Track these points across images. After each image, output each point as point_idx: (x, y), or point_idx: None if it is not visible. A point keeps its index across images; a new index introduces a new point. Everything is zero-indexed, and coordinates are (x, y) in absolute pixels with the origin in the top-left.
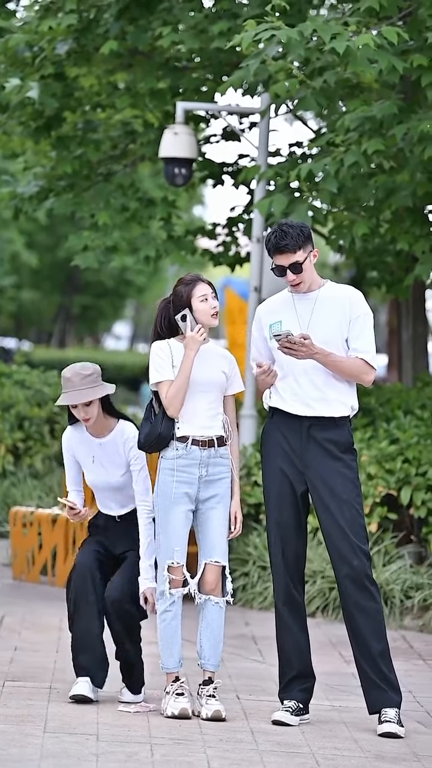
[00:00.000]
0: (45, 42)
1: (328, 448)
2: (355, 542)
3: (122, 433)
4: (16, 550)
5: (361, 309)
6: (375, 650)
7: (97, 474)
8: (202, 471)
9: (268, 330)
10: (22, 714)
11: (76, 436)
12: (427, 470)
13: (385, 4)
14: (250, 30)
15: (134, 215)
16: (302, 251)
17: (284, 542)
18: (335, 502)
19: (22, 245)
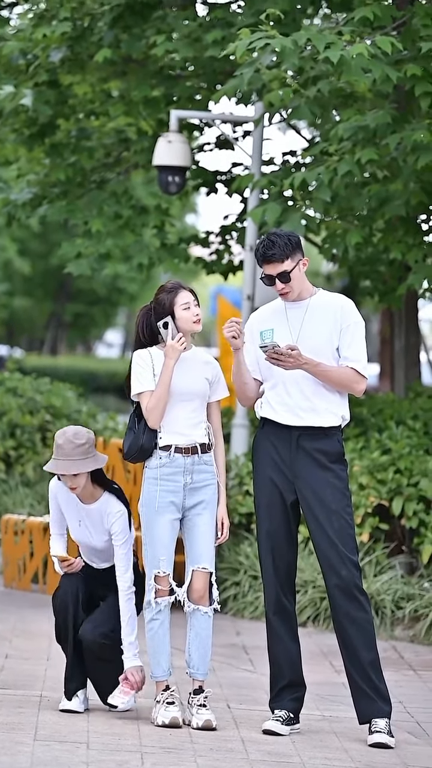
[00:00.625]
0: (39, 50)
1: (318, 458)
2: (344, 552)
3: (107, 507)
4: (7, 557)
5: (352, 317)
6: (365, 660)
7: (81, 534)
8: (187, 478)
9: (259, 338)
10: (12, 722)
11: (63, 492)
12: (418, 481)
13: (379, 14)
14: (244, 39)
15: (127, 223)
16: (290, 260)
17: (275, 552)
18: (324, 512)
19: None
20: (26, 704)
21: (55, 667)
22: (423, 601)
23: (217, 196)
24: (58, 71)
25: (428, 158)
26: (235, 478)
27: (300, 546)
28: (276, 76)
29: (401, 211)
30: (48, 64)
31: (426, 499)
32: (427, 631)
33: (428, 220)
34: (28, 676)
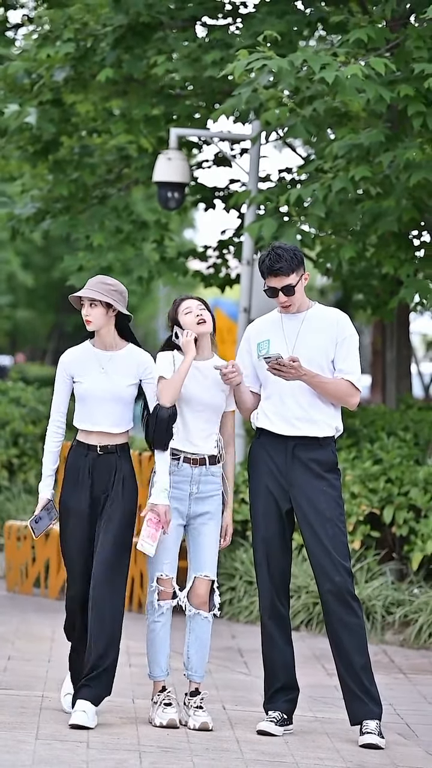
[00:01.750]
0: (43, 69)
1: (312, 468)
2: (337, 559)
3: (136, 354)
4: (10, 563)
5: (347, 331)
6: (357, 664)
7: (100, 383)
8: (193, 488)
9: (256, 349)
10: (14, 721)
11: (80, 354)
12: (409, 490)
13: (373, 36)
14: (242, 59)
15: (128, 237)
16: (295, 274)
17: (270, 558)
18: (319, 520)
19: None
20: (28, 704)
21: (57, 668)
22: (413, 606)
23: (214, 212)
24: (61, 90)
25: (420, 176)
26: None
27: (294, 553)
28: (273, 95)
29: (394, 227)
30: (52, 83)
31: (416, 507)
32: (416, 635)
33: (420, 236)
34: (30, 678)
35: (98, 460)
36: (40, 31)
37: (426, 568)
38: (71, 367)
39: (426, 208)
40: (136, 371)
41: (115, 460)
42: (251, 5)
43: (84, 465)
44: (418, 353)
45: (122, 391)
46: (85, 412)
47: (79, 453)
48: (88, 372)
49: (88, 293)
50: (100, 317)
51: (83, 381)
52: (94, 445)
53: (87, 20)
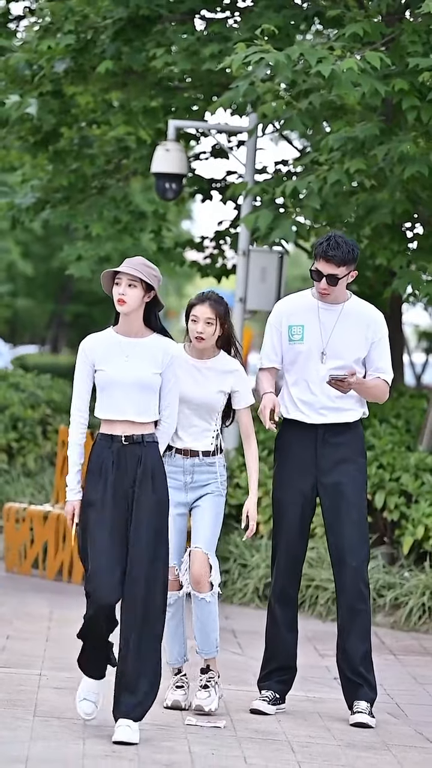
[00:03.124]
0: (44, 61)
1: (342, 451)
2: (357, 545)
3: (162, 343)
4: (9, 544)
5: (382, 331)
6: (359, 650)
7: (125, 371)
8: (187, 478)
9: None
10: (13, 699)
11: (102, 340)
12: (400, 476)
13: (368, 31)
14: (240, 53)
15: (126, 227)
16: (345, 268)
17: (289, 546)
18: (345, 505)
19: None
20: (26, 682)
21: (54, 648)
22: (403, 589)
23: (211, 203)
24: (61, 82)
25: (414, 169)
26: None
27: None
28: (270, 88)
29: (387, 219)
30: (52, 75)
31: (407, 493)
32: (406, 617)
33: (413, 228)
34: (28, 656)
35: (123, 451)
36: (41, 23)
37: (416, 552)
38: (93, 353)
39: (419, 201)
40: (162, 359)
41: (141, 450)
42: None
43: (108, 456)
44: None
45: (147, 378)
46: (108, 401)
47: (102, 445)
48: (111, 359)
49: (131, 270)
50: (135, 299)
51: (106, 369)
52: (119, 435)
53: (87, 13)
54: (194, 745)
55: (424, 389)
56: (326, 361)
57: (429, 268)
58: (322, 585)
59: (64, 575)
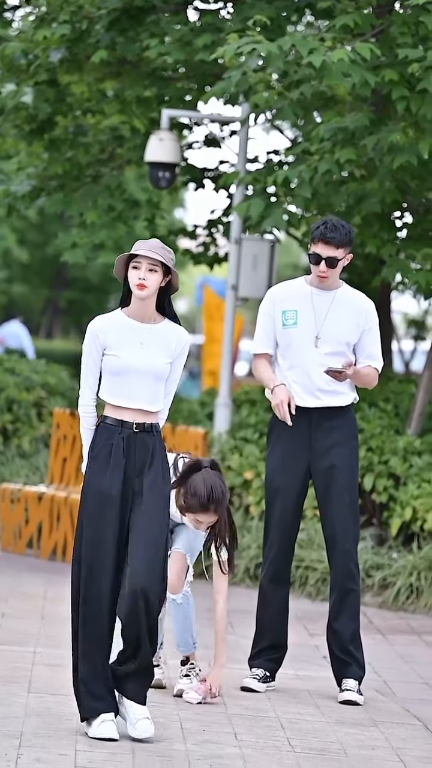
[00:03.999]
0: (39, 50)
1: (335, 435)
2: (349, 526)
3: (175, 330)
4: (4, 524)
5: (373, 320)
6: (349, 629)
7: (138, 358)
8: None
9: (281, 317)
10: (8, 675)
11: (114, 323)
12: (388, 459)
13: (359, 22)
14: (232, 43)
15: (120, 215)
16: (342, 250)
17: (282, 528)
18: (337, 489)
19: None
20: (21, 659)
21: (48, 626)
22: (391, 570)
23: (204, 192)
24: (57, 71)
25: (403, 159)
26: (218, 454)
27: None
28: (262, 79)
29: (377, 208)
30: (48, 64)
31: (395, 476)
32: (394, 597)
33: (402, 217)
34: (22, 634)
35: (133, 438)
36: (37, 13)
37: (404, 534)
38: (104, 336)
39: (408, 190)
40: (174, 348)
41: (151, 440)
42: None
43: (117, 443)
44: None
45: (161, 367)
46: (120, 386)
47: (111, 430)
48: (124, 345)
49: (153, 254)
50: (155, 284)
51: (119, 354)
52: (129, 421)
53: (82, 3)
54: (186, 722)
55: (412, 375)
56: (320, 345)
57: (418, 257)
58: (312, 566)
59: (59, 555)
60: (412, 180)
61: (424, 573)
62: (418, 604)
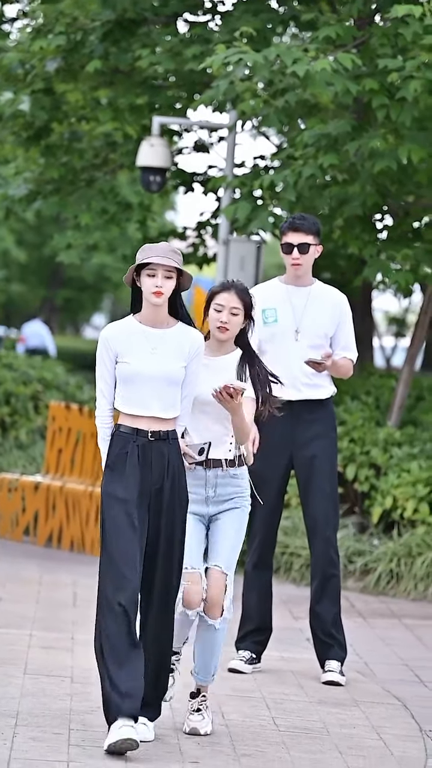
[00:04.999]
0: (36, 60)
1: (316, 427)
2: (330, 515)
3: (188, 333)
4: (1, 512)
5: (347, 313)
6: (330, 612)
7: (152, 364)
8: (210, 491)
9: (262, 315)
10: (4, 657)
11: (125, 329)
12: (370, 450)
13: (341, 34)
14: (220, 53)
15: (113, 218)
16: (313, 237)
17: (266, 517)
18: (318, 479)
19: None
20: (17, 642)
21: (44, 609)
22: (372, 556)
23: (193, 195)
24: (53, 80)
25: (383, 164)
26: None
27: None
28: (248, 87)
29: (358, 210)
30: (44, 74)
31: (376, 466)
32: (375, 583)
33: (382, 219)
34: (19, 617)
35: (148, 447)
36: (33, 25)
37: (385, 522)
38: (116, 344)
39: (388, 194)
40: (189, 351)
41: (167, 448)
42: (229, 4)
43: (132, 452)
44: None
45: (175, 372)
46: (132, 395)
47: (126, 439)
48: (136, 351)
49: (170, 262)
50: (171, 290)
51: (130, 361)
52: (144, 430)
53: (77, 15)
54: (176, 702)
55: (393, 370)
56: (300, 339)
57: (398, 257)
58: (296, 552)
59: (54, 542)
60: (392, 184)
61: (404, 559)
62: (398, 588)
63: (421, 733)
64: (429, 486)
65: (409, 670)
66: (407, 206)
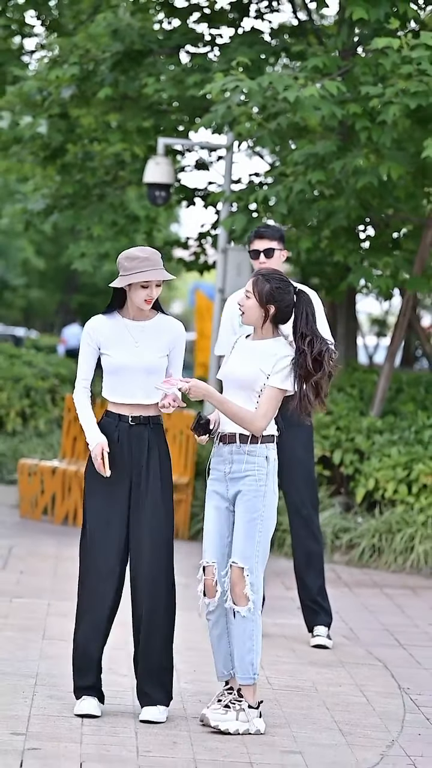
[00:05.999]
0: (53, 88)
1: (293, 417)
2: (307, 496)
3: (167, 323)
4: (22, 494)
5: (320, 306)
6: (315, 585)
7: (133, 356)
8: (227, 467)
9: (238, 320)
10: (25, 624)
11: (108, 323)
12: (354, 437)
13: (327, 63)
14: (218, 81)
15: (122, 229)
16: (277, 243)
17: None
18: (296, 464)
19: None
20: (37, 611)
21: (60, 582)
22: (357, 533)
23: (195, 208)
24: (67, 105)
25: (366, 180)
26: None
27: None
28: (244, 111)
29: (344, 222)
30: (60, 100)
31: (360, 451)
32: (359, 556)
33: (365, 230)
34: (38, 588)
35: (130, 432)
36: (50, 56)
37: (368, 501)
38: (99, 335)
39: (371, 207)
40: (168, 342)
41: (148, 432)
42: (226, 36)
43: (114, 436)
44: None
45: (155, 362)
46: (116, 384)
47: (110, 424)
48: (118, 344)
49: (166, 275)
50: (159, 293)
51: (112, 354)
52: (126, 415)
53: (89, 47)
54: (179, 664)
55: (375, 366)
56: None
57: (379, 264)
58: (288, 529)
59: (70, 520)
60: (374, 198)
61: (385, 535)
62: (379, 561)
63: (400, 691)
64: (407, 469)
65: (390, 635)
66: (387, 218)
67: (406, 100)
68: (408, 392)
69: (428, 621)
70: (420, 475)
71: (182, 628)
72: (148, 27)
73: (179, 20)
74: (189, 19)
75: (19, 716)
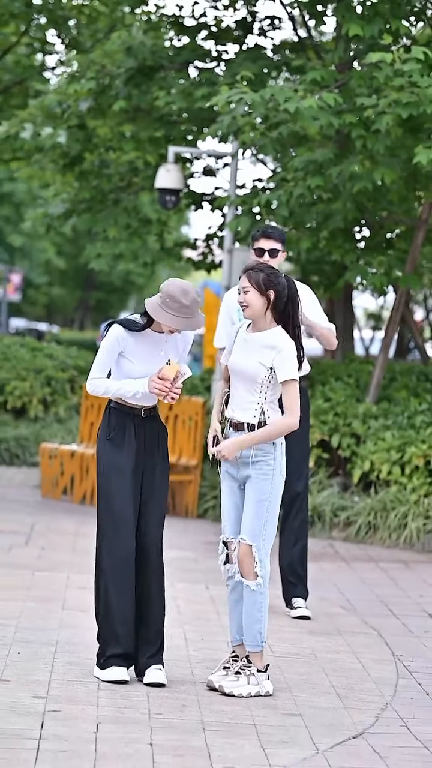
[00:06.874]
0: (71, 101)
1: None
2: (301, 474)
3: (185, 335)
4: (44, 476)
5: (313, 298)
6: (295, 554)
7: (156, 366)
8: (237, 452)
9: (237, 313)
10: (46, 596)
11: (135, 337)
12: (351, 422)
13: (325, 77)
14: (224, 94)
15: (136, 231)
16: (281, 244)
17: None
18: (290, 445)
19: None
20: (57, 583)
21: (80, 556)
22: (353, 511)
23: (203, 212)
24: (85, 117)
25: (361, 185)
26: None
27: None
28: (248, 122)
29: (341, 224)
30: (78, 112)
31: (356, 435)
32: (356, 533)
33: (361, 231)
34: (58, 563)
35: (144, 422)
36: (69, 72)
37: (364, 482)
38: (127, 343)
39: (366, 210)
40: (183, 346)
41: (155, 422)
42: (232, 52)
43: (130, 425)
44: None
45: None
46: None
47: (123, 413)
48: (142, 355)
49: (193, 327)
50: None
51: (135, 362)
52: (138, 407)
53: (105, 63)
54: (188, 633)
55: (370, 357)
56: None
57: (374, 263)
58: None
59: (87, 500)
60: (369, 202)
61: (380, 513)
62: (374, 538)
63: (394, 658)
64: (401, 452)
65: (384, 606)
66: (381, 220)
67: (399, 110)
68: (401, 381)
69: (420, 592)
70: (412, 457)
71: (191, 600)
72: (160, 44)
73: (188, 38)
74: (197, 36)
75: (40, 681)
